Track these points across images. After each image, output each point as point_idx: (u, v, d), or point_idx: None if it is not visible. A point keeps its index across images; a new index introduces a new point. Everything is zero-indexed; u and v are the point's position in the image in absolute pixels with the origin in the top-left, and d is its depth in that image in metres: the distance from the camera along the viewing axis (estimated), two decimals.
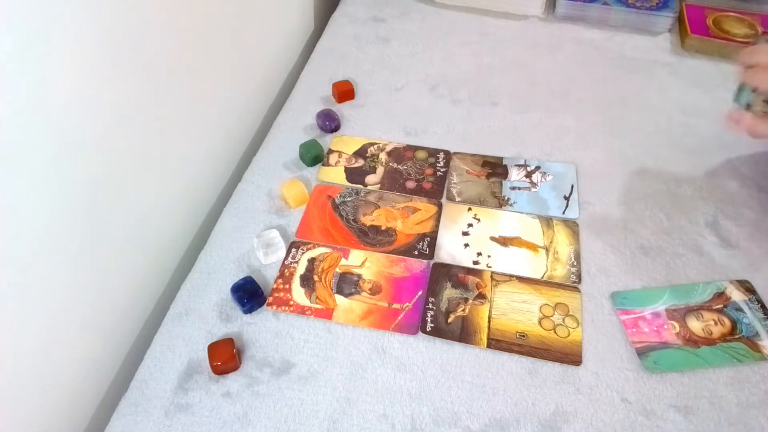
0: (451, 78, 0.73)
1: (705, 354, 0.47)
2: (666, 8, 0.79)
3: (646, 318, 0.49)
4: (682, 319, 0.48)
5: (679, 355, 0.47)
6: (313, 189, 0.60)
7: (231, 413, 0.44)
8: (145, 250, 0.52)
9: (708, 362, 0.46)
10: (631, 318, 0.49)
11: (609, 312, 0.50)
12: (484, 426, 0.43)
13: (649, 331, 0.48)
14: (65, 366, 0.44)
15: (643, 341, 0.47)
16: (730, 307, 0.49)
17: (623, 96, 0.70)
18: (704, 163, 0.62)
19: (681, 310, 0.49)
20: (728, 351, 0.47)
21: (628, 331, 0.48)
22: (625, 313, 0.49)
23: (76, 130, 0.40)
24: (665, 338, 0.47)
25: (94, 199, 0.44)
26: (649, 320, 0.48)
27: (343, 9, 0.85)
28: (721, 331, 0.48)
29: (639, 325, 0.48)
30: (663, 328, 0.48)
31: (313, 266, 0.53)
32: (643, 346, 0.47)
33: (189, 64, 0.54)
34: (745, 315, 0.48)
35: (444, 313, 0.50)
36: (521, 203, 0.58)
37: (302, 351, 0.48)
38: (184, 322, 0.50)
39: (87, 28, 0.39)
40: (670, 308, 0.49)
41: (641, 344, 0.47)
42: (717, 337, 0.47)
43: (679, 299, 0.49)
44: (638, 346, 0.47)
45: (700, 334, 0.47)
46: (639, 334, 0.48)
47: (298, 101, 0.70)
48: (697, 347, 0.47)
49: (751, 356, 0.46)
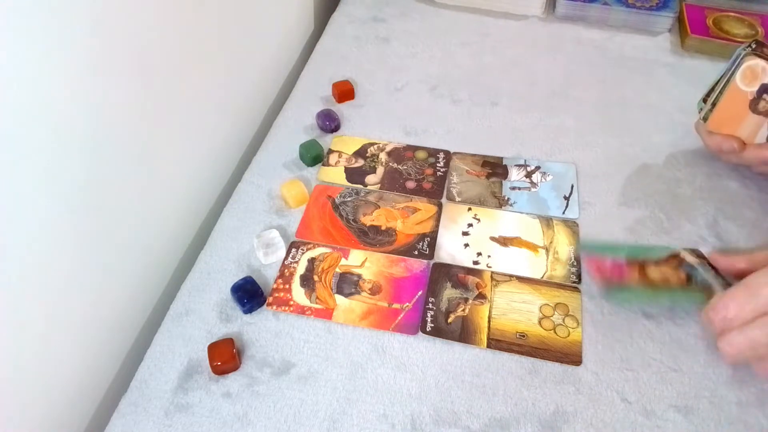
0: (451, 78, 0.73)
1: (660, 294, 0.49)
2: (666, 8, 0.79)
3: (606, 264, 0.51)
4: (641, 268, 0.50)
5: (634, 293, 0.49)
6: (313, 189, 0.60)
7: (231, 413, 0.44)
8: (145, 250, 0.52)
9: (674, 303, 0.49)
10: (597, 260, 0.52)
11: (609, 312, 0.50)
12: (484, 426, 0.43)
13: (609, 272, 0.50)
14: (65, 366, 0.44)
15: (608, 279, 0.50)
16: (685, 265, 0.50)
17: (623, 96, 0.70)
18: (704, 163, 0.62)
19: (640, 260, 0.51)
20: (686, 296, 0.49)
21: (593, 271, 0.51)
22: (592, 257, 0.52)
23: (76, 129, 0.40)
24: (624, 279, 0.50)
25: (93, 199, 0.44)
26: (608, 265, 0.51)
27: (343, 9, 0.85)
28: (677, 280, 0.49)
29: (603, 270, 0.51)
30: (623, 272, 0.50)
31: (313, 266, 0.53)
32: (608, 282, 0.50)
33: (189, 64, 0.54)
34: (698, 272, 0.49)
35: (444, 313, 0.50)
36: (521, 203, 0.58)
37: (302, 351, 0.48)
38: (184, 322, 0.50)
39: (86, 28, 0.39)
40: (631, 259, 0.50)
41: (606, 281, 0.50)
42: (674, 283, 0.49)
43: (637, 254, 0.51)
44: (602, 283, 0.50)
45: (657, 280, 0.49)
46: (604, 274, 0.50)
47: (298, 101, 0.70)
48: (654, 288, 0.49)
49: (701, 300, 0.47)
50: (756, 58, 0.53)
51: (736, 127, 0.56)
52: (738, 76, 0.54)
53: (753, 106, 0.54)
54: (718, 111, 0.57)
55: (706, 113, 0.58)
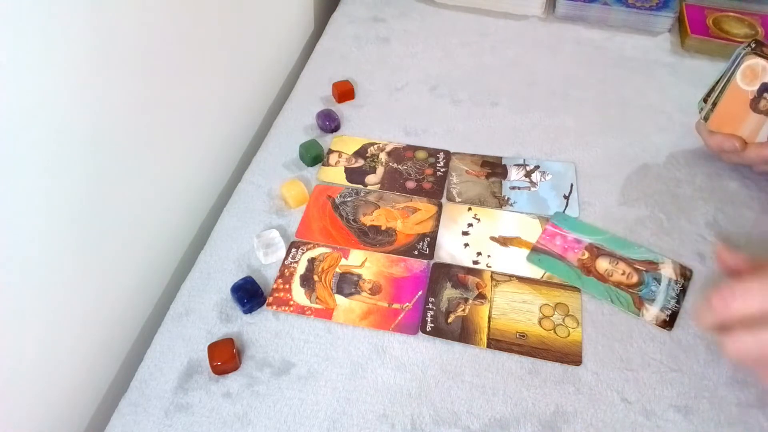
0: (451, 78, 0.73)
1: (587, 281, 0.51)
2: (666, 8, 0.79)
3: (567, 238, 0.52)
4: (595, 256, 0.51)
5: (565, 269, 0.51)
6: (313, 189, 0.60)
7: (231, 413, 0.44)
8: (145, 250, 0.52)
9: (583, 287, 0.50)
10: (554, 232, 0.53)
11: (609, 312, 0.50)
12: (484, 426, 0.43)
13: (559, 245, 0.52)
14: (65, 366, 0.44)
15: (546, 246, 0.52)
16: (650, 273, 0.50)
17: (623, 96, 0.70)
18: (704, 163, 0.62)
19: (603, 250, 0.51)
20: (611, 292, 0.50)
21: (543, 236, 0.53)
22: (554, 227, 0.53)
23: (76, 129, 0.40)
24: (566, 255, 0.51)
25: (93, 199, 0.44)
26: (567, 240, 0.52)
27: (343, 9, 0.85)
28: (621, 280, 0.50)
29: (554, 239, 0.52)
30: (573, 250, 0.51)
31: (313, 266, 0.53)
32: (542, 248, 0.52)
33: (189, 63, 0.54)
34: (659, 286, 0.50)
35: (444, 313, 0.50)
36: (521, 203, 0.58)
37: (302, 351, 0.48)
38: (184, 322, 0.50)
39: (86, 27, 0.39)
40: (595, 244, 0.51)
41: (542, 247, 0.52)
42: (613, 281, 0.50)
43: (610, 245, 0.52)
44: (537, 247, 0.52)
45: (599, 271, 0.51)
46: (548, 242, 0.52)
47: (298, 101, 0.70)
48: (587, 275, 0.51)
49: (629, 307, 0.49)
50: (756, 58, 0.53)
51: (737, 127, 0.56)
52: (738, 75, 0.54)
53: (753, 105, 0.54)
54: (719, 111, 0.57)
55: (706, 113, 0.58)
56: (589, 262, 0.52)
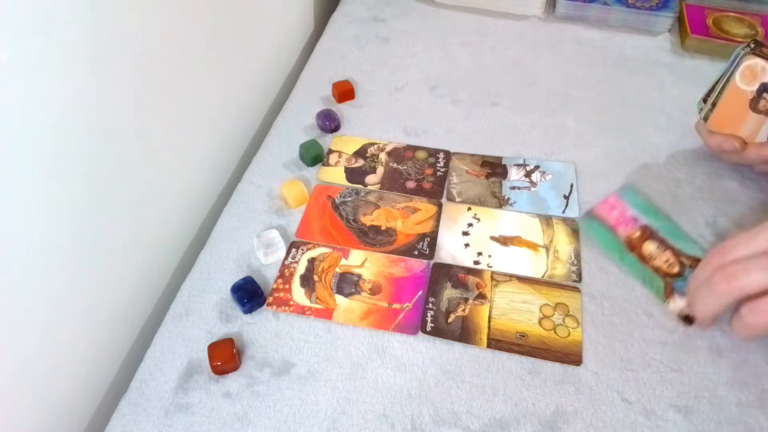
0: (451, 78, 0.73)
1: (628, 259, 0.51)
2: (666, 8, 0.79)
3: (625, 213, 0.53)
4: (646, 237, 0.52)
5: (611, 240, 0.52)
6: (313, 189, 0.60)
7: (231, 413, 0.44)
8: (145, 250, 0.52)
9: (622, 262, 0.51)
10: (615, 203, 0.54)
11: (609, 312, 0.50)
12: (484, 426, 0.43)
13: (614, 216, 0.53)
14: (65, 366, 0.44)
15: (601, 214, 0.53)
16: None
17: (623, 96, 0.70)
18: (704, 163, 0.62)
19: (656, 235, 0.52)
20: (647, 274, 0.50)
21: (602, 204, 0.54)
22: (617, 199, 0.55)
23: (75, 129, 0.40)
24: (618, 228, 0.52)
25: (93, 199, 0.44)
26: (625, 215, 0.53)
27: (343, 9, 0.85)
28: (660, 266, 0.51)
29: (612, 210, 0.53)
30: (626, 225, 0.52)
31: (313, 266, 0.53)
32: (597, 215, 0.53)
33: (188, 63, 0.54)
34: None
35: (444, 313, 0.50)
36: (521, 203, 0.58)
37: (302, 351, 0.48)
38: (184, 322, 0.50)
39: (86, 27, 0.39)
40: (651, 227, 0.52)
41: (597, 214, 0.53)
42: (652, 264, 0.51)
43: (666, 232, 0.52)
44: (593, 212, 0.53)
45: (644, 252, 0.51)
46: (605, 212, 0.53)
47: (298, 101, 0.70)
48: (629, 252, 0.51)
49: (657, 293, 0.49)
50: (755, 58, 0.53)
51: (737, 127, 0.56)
52: (737, 75, 0.54)
53: (753, 105, 0.54)
54: (719, 111, 0.57)
55: (706, 113, 0.58)
56: (638, 241, 0.52)
